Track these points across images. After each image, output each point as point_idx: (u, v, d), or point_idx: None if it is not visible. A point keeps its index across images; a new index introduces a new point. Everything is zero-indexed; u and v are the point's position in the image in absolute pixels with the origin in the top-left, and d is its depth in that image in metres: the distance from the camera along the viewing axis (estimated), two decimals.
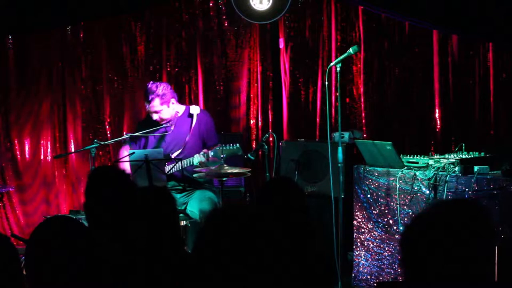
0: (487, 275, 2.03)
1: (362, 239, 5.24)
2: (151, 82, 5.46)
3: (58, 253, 2.46)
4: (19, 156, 6.46)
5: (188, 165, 5.26)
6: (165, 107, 5.41)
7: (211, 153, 5.08)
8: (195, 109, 5.51)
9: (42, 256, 2.44)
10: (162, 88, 5.38)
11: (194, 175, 5.22)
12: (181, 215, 5.38)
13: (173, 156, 5.40)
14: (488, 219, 2.06)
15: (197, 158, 5.20)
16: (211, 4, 6.50)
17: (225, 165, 5.02)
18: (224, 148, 5.01)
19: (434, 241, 2.00)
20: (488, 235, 2.03)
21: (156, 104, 5.36)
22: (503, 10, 5.36)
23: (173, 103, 5.46)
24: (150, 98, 5.35)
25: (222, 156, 5.05)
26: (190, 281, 2.83)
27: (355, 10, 6.27)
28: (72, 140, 6.51)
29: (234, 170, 5.03)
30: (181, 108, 5.59)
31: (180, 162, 5.25)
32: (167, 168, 5.28)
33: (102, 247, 2.77)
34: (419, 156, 5.05)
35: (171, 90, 5.48)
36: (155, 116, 5.43)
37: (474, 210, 2.06)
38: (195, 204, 5.30)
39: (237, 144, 5.03)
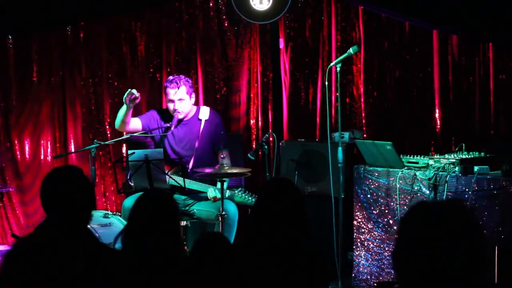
0: (483, 275, 2.03)
1: (362, 239, 5.24)
2: (172, 75, 5.55)
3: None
4: (19, 156, 6.45)
5: (201, 190, 5.25)
6: (188, 98, 5.46)
7: (227, 193, 5.06)
8: (204, 113, 5.51)
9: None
10: (186, 79, 5.51)
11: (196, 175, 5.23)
12: (185, 217, 5.38)
13: (189, 165, 5.39)
14: (475, 218, 2.07)
15: (211, 193, 5.20)
16: (211, 4, 6.50)
17: (225, 165, 5.01)
18: (240, 195, 5.03)
19: (427, 242, 2.01)
20: (478, 234, 2.04)
21: (183, 91, 5.42)
22: (503, 10, 5.36)
23: (193, 97, 5.53)
24: (179, 84, 5.39)
25: (222, 156, 5.05)
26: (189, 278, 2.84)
27: (355, 10, 6.27)
28: (72, 140, 6.51)
29: (234, 170, 5.04)
30: (192, 109, 5.59)
31: (191, 182, 5.22)
32: (178, 179, 5.20)
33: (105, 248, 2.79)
34: (419, 156, 5.06)
35: (193, 85, 5.61)
36: (177, 105, 5.42)
37: (463, 210, 2.07)
38: (206, 204, 5.31)
39: (255, 196, 5.04)
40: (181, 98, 5.42)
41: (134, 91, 5.28)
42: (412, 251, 2.02)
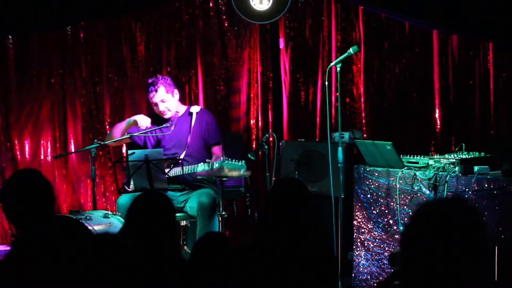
0: (484, 274, 2.03)
1: (362, 239, 5.24)
2: (151, 77, 5.58)
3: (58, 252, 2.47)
4: (19, 156, 6.45)
5: (190, 172, 5.27)
6: (170, 96, 5.49)
7: (216, 164, 5.07)
8: (194, 108, 5.56)
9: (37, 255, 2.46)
10: (164, 78, 5.54)
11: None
12: (181, 214, 5.39)
13: (179, 158, 5.42)
14: (477, 215, 2.07)
15: (201, 167, 5.21)
16: (211, 4, 6.50)
17: (225, 168, 5.00)
18: (229, 162, 5.03)
19: (431, 240, 2.01)
20: (478, 231, 2.04)
21: (161, 91, 5.44)
22: (503, 10, 5.36)
23: (176, 93, 5.55)
24: (156, 87, 5.42)
25: (222, 158, 5.05)
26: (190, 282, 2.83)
27: (355, 10, 6.27)
28: (72, 140, 6.51)
29: (234, 174, 5.05)
30: (182, 108, 5.62)
31: (184, 167, 5.25)
32: (168, 170, 5.28)
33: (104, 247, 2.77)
34: (419, 156, 5.06)
35: (172, 82, 5.58)
36: (162, 107, 5.45)
37: (466, 208, 2.07)
38: (194, 200, 5.33)
39: (243, 161, 5.04)
40: (163, 99, 5.46)
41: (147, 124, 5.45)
42: (416, 249, 2.02)
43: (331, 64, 5.26)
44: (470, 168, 4.70)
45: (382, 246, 5.12)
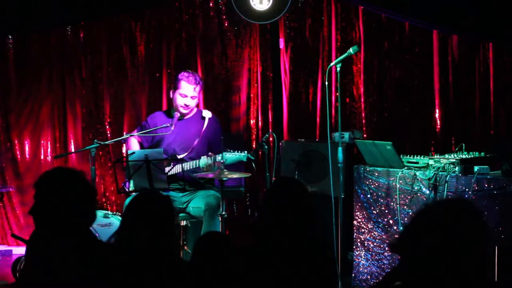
0: (484, 275, 2.03)
1: (362, 239, 5.24)
2: (187, 71, 5.52)
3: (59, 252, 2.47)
4: (19, 156, 6.46)
5: (194, 167, 5.26)
6: (197, 98, 5.52)
7: (218, 157, 5.06)
8: (207, 113, 5.55)
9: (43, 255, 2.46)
10: (201, 79, 5.58)
11: (197, 175, 5.24)
12: (182, 214, 5.39)
13: (179, 157, 5.41)
14: (481, 218, 2.07)
15: (203, 161, 5.20)
16: (211, 4, 6.50)
17: (225, 170, 5.00)
18: (232, 153, 5.02)
19: (431, 240, 2.01)
20: (481, 233, 2.04)
21: (198, 89, 5.49)
22: (503, 10, 5.37)
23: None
24: (198, 83, 5.46)
25: (222, 161, 5.04)
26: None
27: (355, 10, 6.27)
28: (72, 140, 6.51)
29: (234, 176, 5.05)
30: (194, 108, 5.61)
31: (185, 164, 5.25)
32: (169, 168, 5.28)
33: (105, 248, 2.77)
34: (419, 156, 5.05)
35: None
36: (188, 101, 5.45)
37: (468, 209, 2.07)
38: (200, 201, 5.32)
39: (245, 152, 5.03)
40: (193, 96, 5.47)
41: None
42: (417, 249, 2.02)
43: (331, 64, 5.26)
44: (470, 168, 4.70)
45: (382, 246, 5.12)
